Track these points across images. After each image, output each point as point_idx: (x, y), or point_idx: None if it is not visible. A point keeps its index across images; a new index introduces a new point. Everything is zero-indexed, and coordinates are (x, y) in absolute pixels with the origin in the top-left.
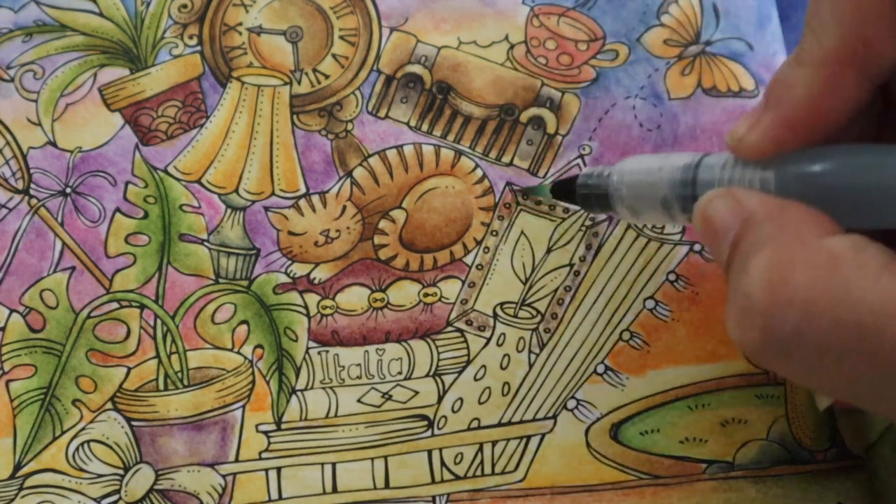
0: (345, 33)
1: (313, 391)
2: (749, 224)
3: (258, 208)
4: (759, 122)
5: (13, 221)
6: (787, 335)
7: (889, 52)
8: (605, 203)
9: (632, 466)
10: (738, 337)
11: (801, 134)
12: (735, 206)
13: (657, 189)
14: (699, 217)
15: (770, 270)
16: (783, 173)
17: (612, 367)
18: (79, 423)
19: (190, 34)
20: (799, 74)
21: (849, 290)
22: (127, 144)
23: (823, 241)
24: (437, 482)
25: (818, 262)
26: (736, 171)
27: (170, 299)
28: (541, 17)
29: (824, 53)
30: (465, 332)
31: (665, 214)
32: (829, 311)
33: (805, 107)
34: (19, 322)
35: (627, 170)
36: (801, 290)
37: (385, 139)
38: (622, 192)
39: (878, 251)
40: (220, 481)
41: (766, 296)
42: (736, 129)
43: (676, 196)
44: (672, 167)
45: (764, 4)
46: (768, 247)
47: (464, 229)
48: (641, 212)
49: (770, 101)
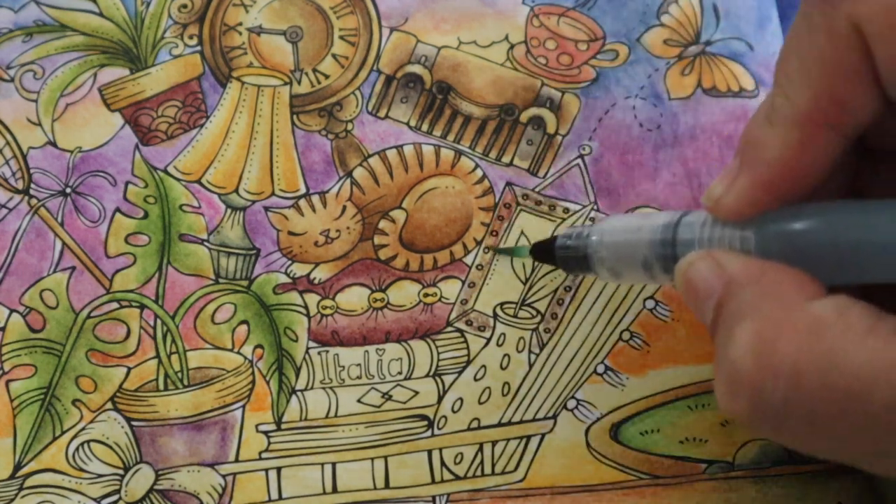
0: (345, 33)
1: (313, 391)
2: (731, 288)
3: (258, 208)
4: (734, 183)
5: (13, 221)
6: (776, 405)
7: (862, 109)
8: (585, 265)
9: (632, 466)
10: (728, 408)
11: (777, 194)
12: (716, 269)
13: (637, 249)
14: (681, 280)
15: (756, 340)
16: (763, 232)
17: (612, 367)
18: (79, 423)
19: (190, 34)
20: (771, 135)
21: (835, 355)
22: (127, 144)
23: (807, 306)
24: (437, 482)
25: (803, 329)
26: (715, 229)
27: (170, 299)
28: (541, 17)
29: (796, 113)
30: (465, 333)
31: (646, 275)
32: (817, 379)
33: (780, 167)
34: (19, 322)
35: (607, 230)
36: (787, 359)
37: (385, 139)
38: (602, 253)
39: (862, 312)
40: (220, 481)
41: (754, 366)
42: (712, 189)
43: (657, 256)
44: (651, 226)
45: (764, 4)
46: (753, 314)
47: (464, 229)
48: (622, 273)
49: (744, 162)
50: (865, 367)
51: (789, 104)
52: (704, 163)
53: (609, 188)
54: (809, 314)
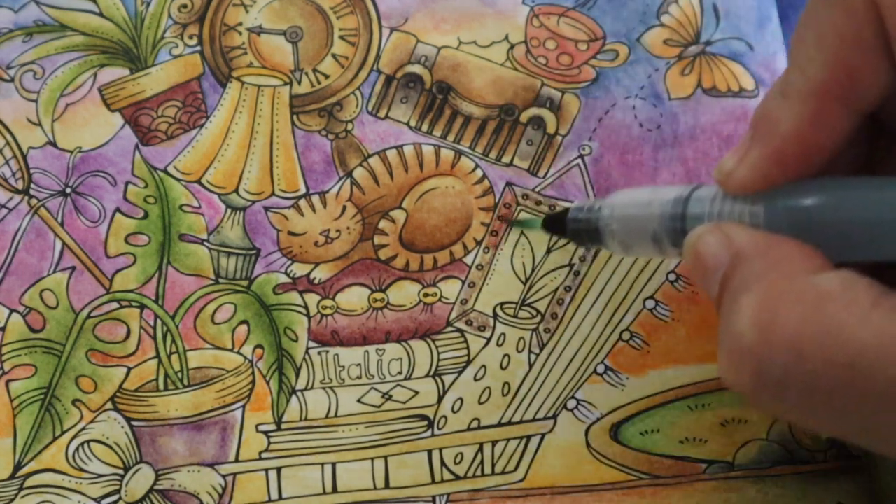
0: (345, 33)
1: (313, 391)
2: (739, 260)
3: (258, 208)
4: (746, 156)
5: (13, 221)
6: (777, 376)
7: (875, 83)
8: (596, 237)
9: (632, 466)
10: (730, 378)
11: (789, 168)
12: (724, 241)
13: (647, 223)
14: (689, 253)
15: (759, 310)
16: (772, 207)
17: (612, 367)
18: (79, 423)
19: (190, 34)
20: (785, 108)
21: (839, 328)
22: (127, 144)
23: (813, 279)
24: (437, 482)
25: (807, 301)
26: (725, 204)
27: (170, 299)
28: (541, 17)
29: (810, 86)
30: (465, 333)
31: (656, 248)
32: (819, 352)
33: (793, 141)
34: (19, 322)
35: (618, 203)
36: (790, 331)
37: (385, 139)
38: (613, 226)
39: (868, 287)
40: (220, 481)
41: (756, 337)
42: (723, 163)
43: (666, 230)
44: (662, 201)
45: (764, 4)
46: (758, 285)
47: (464, 229)
48: (632, 246)
49: (757, 135)
50: (867, 343)
51: (803, 77)
52: (704, 163)
53: (609, 188)
54: (814, 287)
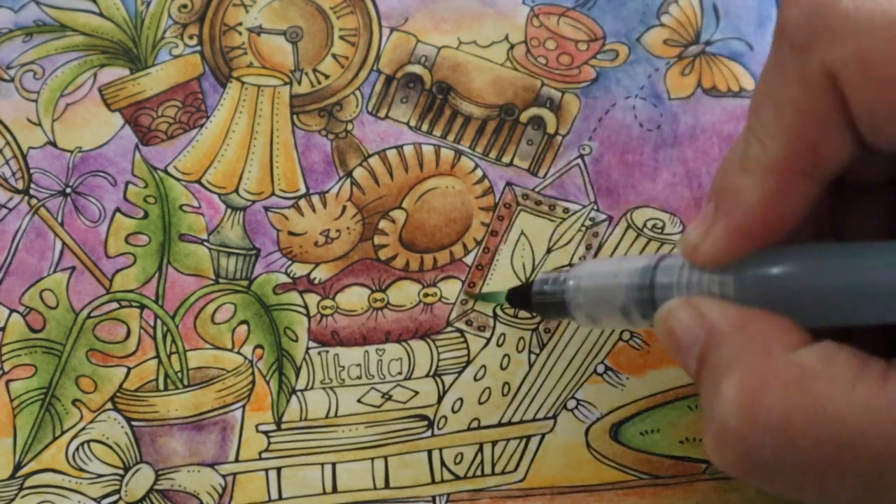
0: (345, 33)
1: (313, 391)
2: (714, 338)
3: (258, 208)
4: (711, 230)
5: (13, 221)
6: (767, 459)
7: (837, 154)
8: (563, 310)
9: (632, 466)
10: (718, 461)
11: (755, 240)
12: (697, 317)
13: (615, 294)
14: (661, 329)
15: (742, 393)
16: (742, 277)
17: (612, 366)
18: (79, 423)
19: (190, 34)
20: (747, 182)
21: (823, 406)
22: (127, 144)
23: (792, 356)
24: (437, 482)
25: (790, 380)
26: (694, 273)
27: (170, 299)
28: (541, 17)
29: (770, 160)
30: (465, 333)
31: (624, 320)
32: (806, 432)
33: (757, 214)
34: (19, 322)
35: (584, 275)
36: (775, 412)
37: (385, 139)
38: (579, 299)
39: (848, 359)
40: (220, 481)
41: (742, 421)
42: (688, 236)
43: (634, 301)
44: (629, 271)
45: (764, 4)
46: (737, 367)
47: (464, 229)
48: (600, 319)
49: (720, 209)
50: (853, 419)
51: (764, 151)
52: (704, 163)
53: (609, 188)
54: (795, 364)
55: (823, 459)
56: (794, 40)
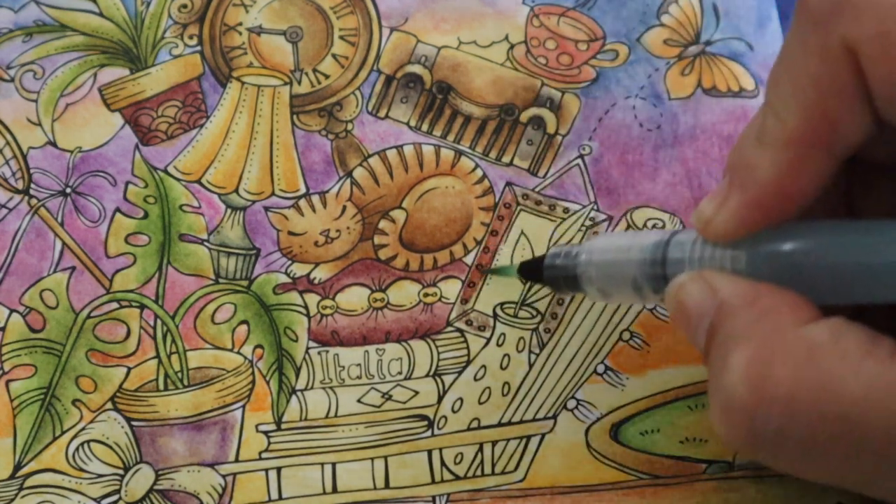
0: (345, 33)
1: (313, 391)
2: (724, 311)
3: (258, 208)
4: (725, 204)
5: (13, 221)
6: (772, 432)
7: (854, 130)
8: (574, 284)
9: (632, 466)
10: (724, 434)
11: (769, 215)
12: (708, 291)
13: (626, 269)
14: (672, 302)
15: (750, 366)
16: (754, 253)
17: (612, 367)
18: (79, 423)
19: (190, 34)
20: (763, 156)
21: (831, 382)
22: (127, 144)
23: (802, 331)
24: (437, 482)
25: (798, 355)
26: (706, 249)
27: (170, 299)
28: (541, 17)
29: (787, 134)
30: (465, 332)
31: (636, 295)
32: (813, 406)
33: (772, 189)
34: (19, 322)
35: (596, 249)
36: (783, 386)
37: (385, 139)
38: (591, 273)
39: (858, 336)
40: (220, 481)
41: (749, 394)
42: (702, 210)
43: (646, 276)
44: (641, 246)
45: (764, 4)
46: (747, 340)
47: (464, 229)
48: (611, 293)
49: (735, 182)
50: (861, 393)
51: (780, 125)
52: (704, 163)
53: (609, 188)
54: (804, 339)
55: (829, 435)
56: (816, 15)
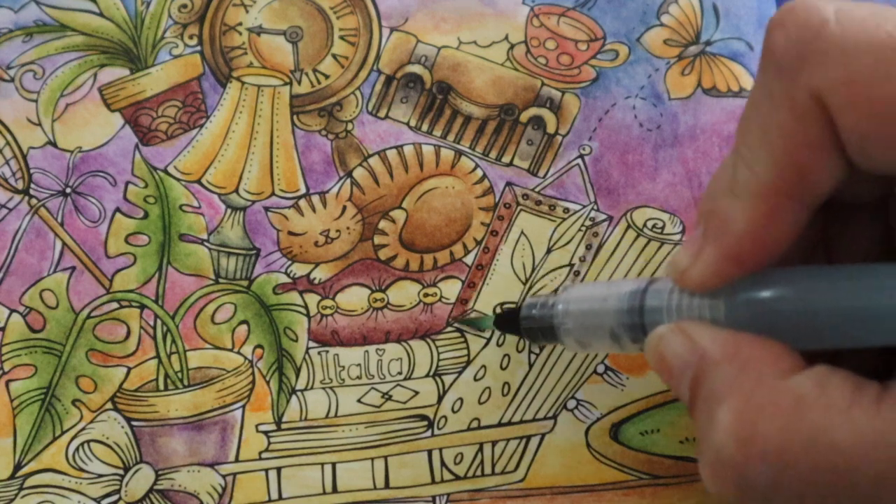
0: (345, 33)
1: (313, 391)
2: (706, 365)
3: (258, 208)
4: (700, 255)
5: (13, 221)
6: (763, 488)
7: (826, 179)
8: (551, 335)
9: (632, 466)
10: (715, 490)
11: (744, 265)
12: (688, 343)
13: (604, 319)
14: (652, 355)
15: (737, 422)
16: (732, 301)
17: (612, 366)
18: (79, 423)
19: (190, 34)
20: (736, 206)
21: (819, 433)
22: (127, 144)
23: (787, 384)
24: (437, 482)
25: (785, 408)
26: (684, 297)
27: (170, 299)
28: (541, 17)
29: (760, 185)
30: (466, 332)
31: (614, 345)
32: (802, 459)
33: (747, 239)
34: (19, 322)
35: (573, 299)
36: (772, 441)
37: (385, 139)
38: (567, 324)
39: (843, 384)
40: (220, 481)
41: (738, 451)
42: (677, 261)
43: (624, 326)
44: (618, 295)
45: (764, 4)
46: (731, 395)
47: (464, 229)
48: (589, 343)
49: (709, 233)
50: (850, 443)
51: (752, 176)
52: (704, 163)
53: (609, 188)
54: (789, 391)
55: (820, 486)
56: (782, 64)
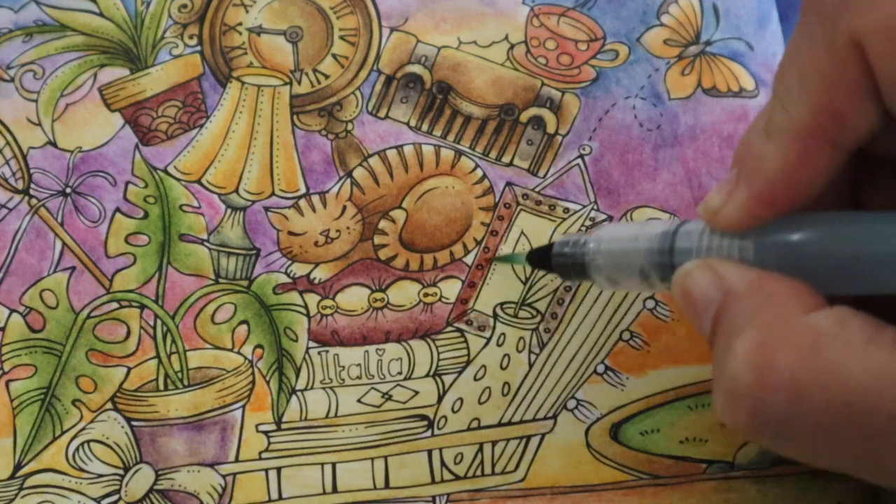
0: (345, 33)
1: (313, 391)
2: (730, 299)
3: (258, 208)
4: (733, 195)
5: (13, 221)
6: (776, 418)
7: (862, 124)
8: (582, 272)
9: (632, 466)
10: (728, 419)
11: (776, 207)
12: (714, 279)
13: (634, 258)
14: (678, 290)
15: (755, 353)
16: (762, 243)
17: (612, 366)
18: (79, 423)
19: (190, 34)
20: (771, 148)
21: (835, 368)
22: (127, 144)
23: (807, 319)
24: (437, 482)
25: (803, 342)
26: (714, 239)
27: (170, 299)
28: (541, 17)
29: (795, 127)
30: (465, 332)
31: (643, 283)
32: (817, 393)
33: (780, 181)
34: (19, 322)
35: (604, 238)
36: (787, 373)
37: (385, 139)
38: (599, 261)
39: (863, 324)
40: (220, 481)
41: (753, 380)
42: (710, 200)
43: (654, 265)
44: (649, 235)
45: (764, 4)
46: (751, 326)
47: (464, 229)
48: (619, 281)
49: (743, 174)
50: (866, 380)
51: (788, 118)
52: (704, 162)
53: (609, 188)
54: (809, 326)
55: (834, 421)
56: (823, 9)
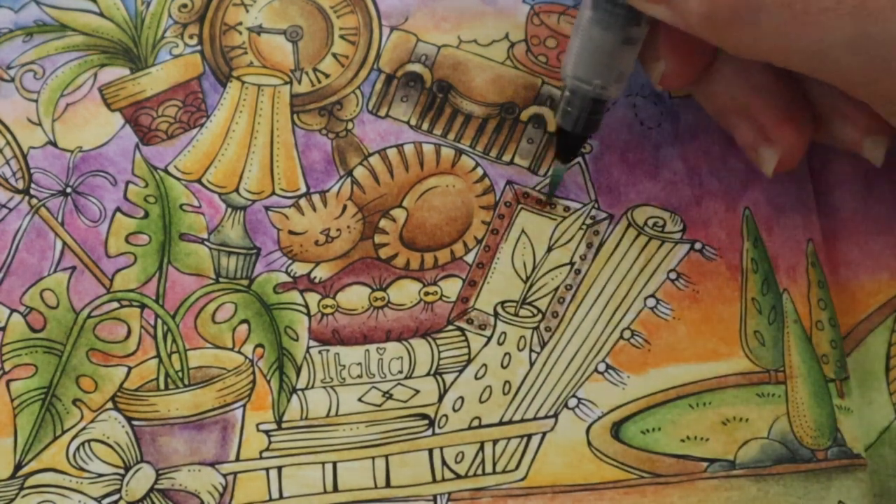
0: (345, 32)
1: (314, 390)
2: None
3: (258, 208)
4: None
5: (13, 221)
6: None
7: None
8: (598, 107)
9: (633, 465)
10: (680, 8)
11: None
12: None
13: (600, 44)
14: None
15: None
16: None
17: (613, 365)
18: (79, 422)
19: (190, 34)
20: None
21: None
22: (127, 144)
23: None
24: (438, 481)
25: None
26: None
27: (170, 299)
28: (541, 16)
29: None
30: (466, 331)
31: (631, 47)
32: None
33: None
34: (20, 322)
35: (570, 65)
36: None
37: (385, 138)
38: (595, 82)
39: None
40: (220, 480)
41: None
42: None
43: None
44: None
45: None
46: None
47: (464, 228)
48: (622, 69)
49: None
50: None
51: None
52: (705, 161)
53: (610, 186)
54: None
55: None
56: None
